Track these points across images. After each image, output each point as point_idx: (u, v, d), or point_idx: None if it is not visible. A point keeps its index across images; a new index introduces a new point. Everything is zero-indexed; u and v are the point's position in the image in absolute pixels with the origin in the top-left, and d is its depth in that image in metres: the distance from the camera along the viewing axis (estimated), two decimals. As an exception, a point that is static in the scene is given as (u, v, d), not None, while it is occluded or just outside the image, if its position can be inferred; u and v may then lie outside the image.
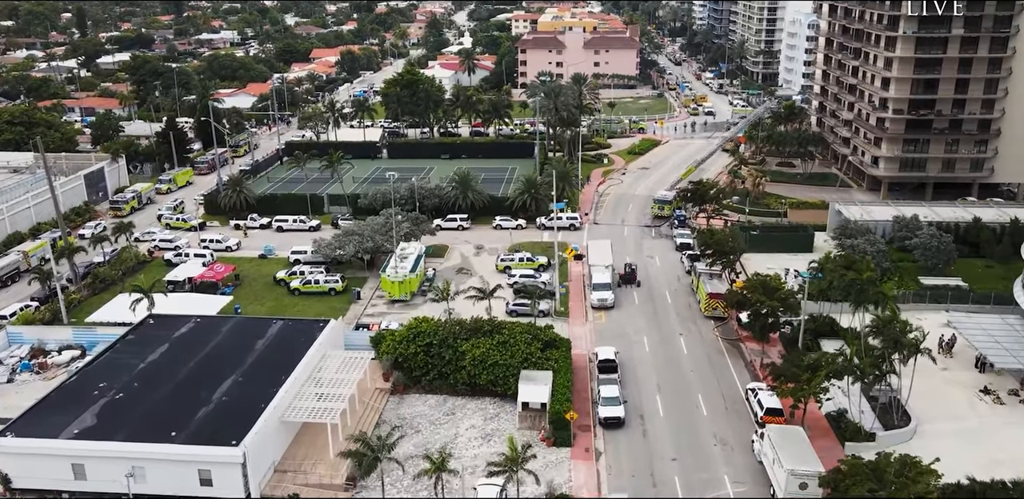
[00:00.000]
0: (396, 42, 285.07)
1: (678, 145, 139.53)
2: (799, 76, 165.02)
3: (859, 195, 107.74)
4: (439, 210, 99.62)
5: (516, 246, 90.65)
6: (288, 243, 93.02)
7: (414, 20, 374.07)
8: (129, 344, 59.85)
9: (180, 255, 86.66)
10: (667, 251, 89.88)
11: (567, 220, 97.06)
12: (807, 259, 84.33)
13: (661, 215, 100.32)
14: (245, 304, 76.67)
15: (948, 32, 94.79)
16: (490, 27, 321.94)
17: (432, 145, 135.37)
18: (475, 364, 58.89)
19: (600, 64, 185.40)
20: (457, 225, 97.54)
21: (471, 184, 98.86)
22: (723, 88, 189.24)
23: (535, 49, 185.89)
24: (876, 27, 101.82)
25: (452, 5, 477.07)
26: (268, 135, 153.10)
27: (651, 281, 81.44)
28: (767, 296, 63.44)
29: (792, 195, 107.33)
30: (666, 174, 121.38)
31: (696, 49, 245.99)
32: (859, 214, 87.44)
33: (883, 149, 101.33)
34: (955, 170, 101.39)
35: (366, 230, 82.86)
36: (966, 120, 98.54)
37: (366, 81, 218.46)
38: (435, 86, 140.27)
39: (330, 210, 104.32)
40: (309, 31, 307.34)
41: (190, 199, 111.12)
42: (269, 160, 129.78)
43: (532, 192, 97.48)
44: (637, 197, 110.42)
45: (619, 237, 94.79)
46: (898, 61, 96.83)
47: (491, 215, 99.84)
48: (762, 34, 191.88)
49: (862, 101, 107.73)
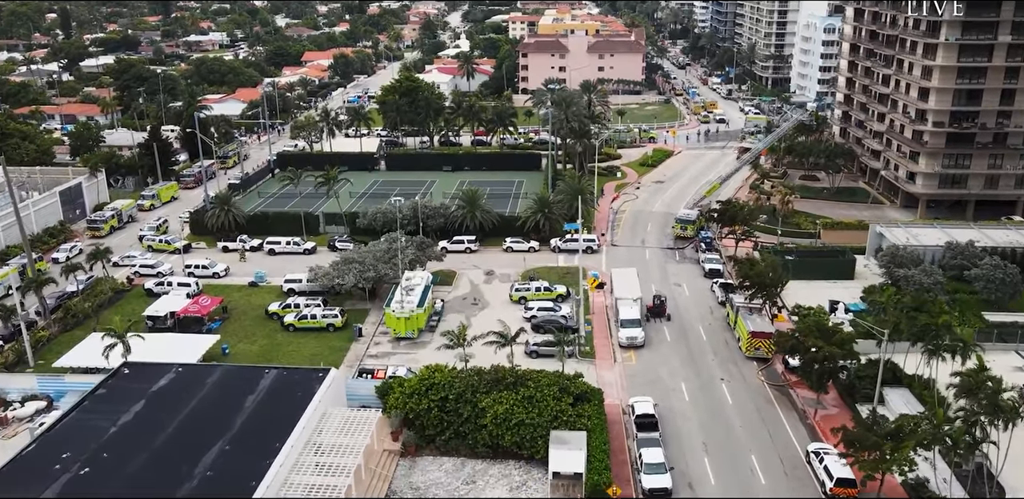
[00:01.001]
0: (390, 44, 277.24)
1: (692, 156, 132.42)
2: (814, 82, 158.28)
3: (892, 212, 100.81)
4: (444, 231, 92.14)
5: (530, 272, 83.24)
6: (281, 268, 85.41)
7: (407, 21, 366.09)
8: (100, 401, 52.05)
9: (162, 284, 78.82)
10: (695, 278, 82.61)
11: (584, 242, 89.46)
12: (849, 287, 78.28)
13: (684, 236, 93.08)
14: (234, 342, 68.94)
15: (994, 39, 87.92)
16: (486, 29, 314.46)
17: (433, 156, 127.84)
18: (498, 423, 51.44)
19: (604, 69, 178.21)
20: (464, 248, 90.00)
21: (479, 203, 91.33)
22: (732, 94, 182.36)
23: (537, 53, 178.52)
24: (912, 33, 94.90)
25: (445, 6, 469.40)
26: (259, 145, 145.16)
27: (681, 313, 74.12)
28: (824, 340, 56.20)
29: (820, 212, 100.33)
30: (683, 189, 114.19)
31: (700, 52, 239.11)
32: (904, 238, 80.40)
33: (921, 164, 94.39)
34: (998, 187, 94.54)
35: (367, 257, 75.22)
36: (1012, 133, 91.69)
37: (360, 86, 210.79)
38: (435, 93, 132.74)
39: (326, 230, 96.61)
40: (301, 33, 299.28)
41: (175, 217, 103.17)
42: (260, 173, 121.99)
43: (545, 212, 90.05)
44: (655, 215, 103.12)
45: (640, 261, 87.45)
46: (939, 70, 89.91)
47: (500, 236, 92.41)
48: (771, 38, 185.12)
49: (896, 112, 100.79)
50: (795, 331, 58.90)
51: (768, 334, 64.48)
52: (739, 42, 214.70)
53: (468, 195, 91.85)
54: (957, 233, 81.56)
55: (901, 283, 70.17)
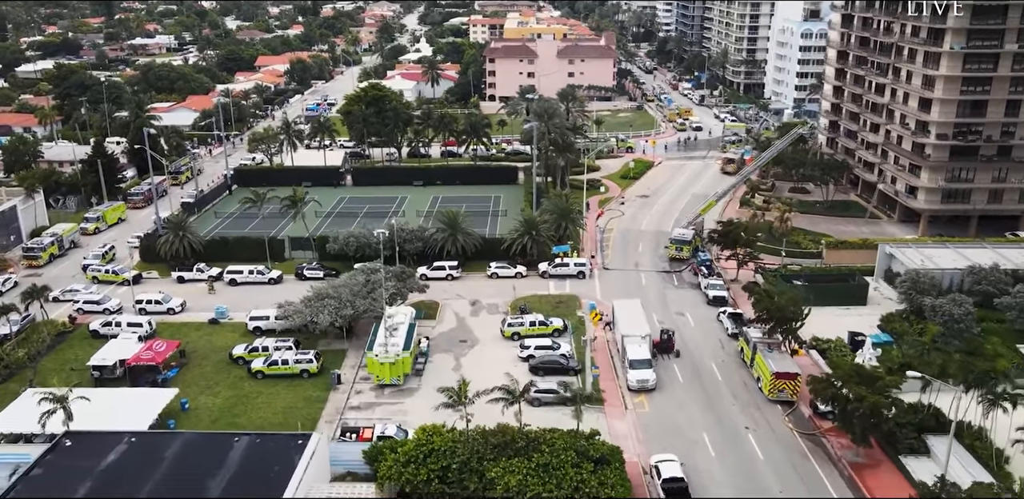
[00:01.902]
0: (348, 48, 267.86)
1: (673, 167, 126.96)
2: (791, 89, 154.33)
3: (891, 228, 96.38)
4: (423, 255, 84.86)
5: (520, 302, 76.43)
6: (244, 300, 77.32)
7: (363, 24, 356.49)
8: (34, 484, 43.73)
9: (110, 324, 70.08)
10: (697, 305, 76.63)
11: (575, 267, 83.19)
12: (863, 315, 73.09)
13: (679, 257, 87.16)
14: (194, 394, 60.77)
15: (1000, 47, 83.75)
16: (445, 32, 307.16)
17: (402, 170, 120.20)
18: (510, 497, 44.53)
19: (575, 74, 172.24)
20: (446, 274, 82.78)
21: (460, 226, 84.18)
22: (705, 100, 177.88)
23: (505, 58, 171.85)
24: (912, 41, 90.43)
25: (400, 7, 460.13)
26: (213, 158, 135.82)
27: (689, 348, 67.98)
28: (866, 386, 50.46)
29: (816, 228, 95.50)
30: (670, 203, 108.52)
31: (666, 57, 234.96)
32: (919, 259, 75.54)
33: (923, 178, 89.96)
34: (1002, 201, 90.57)
35: (343, 292, 67.51)
36: (1016, 146, 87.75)
37: (319, 92, 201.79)
38: (404, 103, 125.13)
39: (292, 256, 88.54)
40: (253, 36, 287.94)
41: (123, 242, 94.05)
42: (216, 190, 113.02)
43: (532, 234, 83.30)
44: (645, 233, 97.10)
45: (636, 287, 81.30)
46: (943, 80, 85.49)
47: (483, 260, 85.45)
48: (743, 42, 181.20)
49: (893, 123, 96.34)
50: (831, 376, 53.08)
51: (793, 375, 58.78)
52: (708, 46, 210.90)
53: (448, 217, 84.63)
54: (972, 254, 77.06)
55: (927, 313, 64.97)
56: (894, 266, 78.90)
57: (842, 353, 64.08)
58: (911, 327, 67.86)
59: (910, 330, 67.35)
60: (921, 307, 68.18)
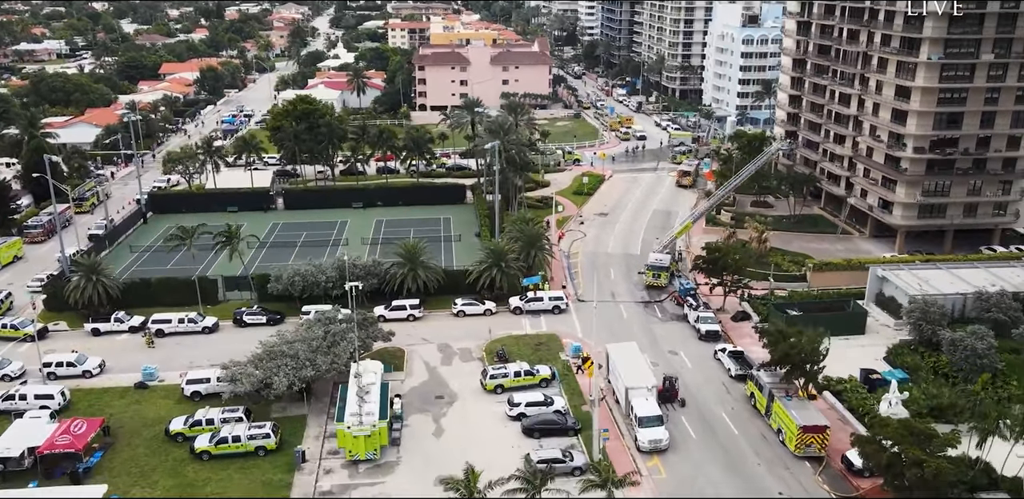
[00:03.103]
0: (260, 54, 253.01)
1: (626, 180, 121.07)
2: (734, 96, 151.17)
3: (865, 244, 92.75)
4: (378, 293, 75.75)
5: (496, 345, 68.39)
6: (176, 356, 66.81)
7: (272, 27, 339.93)
8: None
9: (12, 397, 58.45)
10: (689, 342, 70.26)
11: (550, 301, 75.65)
12: (864, 345, 68.30)
13: (656, 285, 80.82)
14: (126, 487, 50.31)
15: (976, 58, 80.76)
16: (361, 36, 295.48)
17: (339, 191, 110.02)
18: None
19: (509, 82, 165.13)
20: (407, 315, 73.90)
21: (421, 260, 75.43)
22: (642, 107, 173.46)
23: (435, 66, 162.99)
24: (884, 50, 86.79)
25: (309, 10, 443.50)
26: (122, 180, 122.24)
27: (692, 394, 61.36)
28: (921, 447, 44.72)
29: (789, 247, 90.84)
30: (632, 221, 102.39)
31: (594, 61, 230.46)
32: (915, 283, 71.30)
33: (899, 193, 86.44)
34: (977, 215, 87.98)
35: (301, 349, 57.90)
36: (991, 158, 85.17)
37: (232, 102, 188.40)
38: (337, 117, 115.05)
39: (227, 298, 77.85)
40: (154, 41, 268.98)
41: (21, 286, 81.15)
42: (129, 219, 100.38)
43: (501, 266, 75.30)
44: (614, 257, 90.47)
45: (618, 321, 74.43)
46: (920, 91, 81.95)
47: (446, 295, 77.01)
48: (677, 47, 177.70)
49: (862, 134, 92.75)
50: (876, 433, 47.17)
51: (822, 428, 52.83)
52: (638, 51, 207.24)
53: (407, 249, 75.72)
54: (966, 275, 73.44)
55: (946, 347, 60.29)
56: (886, 290, 74.63)
57: (861, 395, 58.65)
58: (923, 360, 63.27)
59: (923, 364, 62.76)
60: (932, 338, 63.70)
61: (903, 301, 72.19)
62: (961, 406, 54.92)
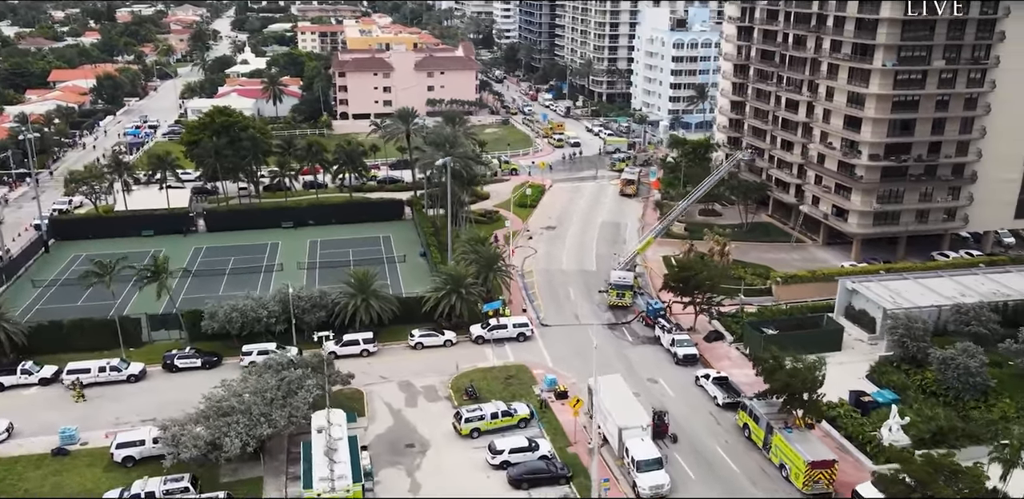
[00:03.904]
0: (160, 59, 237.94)
1: (568, 190, 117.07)
2: (665, 100, 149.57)
3: (820, 253, 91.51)
4: (325, 326, 68.92)
5: (463, 380, 62.88)
6: (99, 412, 58.73)
7: (169, 30, 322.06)
8: None
9: (-97, 476, 49.30)
10: (666, 367, 66.44)
11: (514, 328, 70.54)
12: (843, 363, 65.85)
13: (620, 305, 76.88)
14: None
15: (928, 64, 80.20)
16: (268, 40, 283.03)
17: (267, 210, 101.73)
18: None
19: (435, 88, 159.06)
20: (361, 350, 67.42)
21: (373, 289, 69.07)
22: (571, 112, 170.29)
23: (357, 72, 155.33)
24: (835, 56, 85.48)
25: (207, 12, 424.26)
26: (16, 202, 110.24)
27: (682, 428, 57.36)
28: (950, 485, 41.89)
29: (745, 258, 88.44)
30: (581, 234, 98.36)
31: (515, 65, 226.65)
32: (887, 295, 69.69)
33: (855, 201, 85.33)
34: (928, 221, 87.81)
35: (254, 403, 50.86)
36: (942, 165, 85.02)
37: (134, 111, 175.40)
38: (262, 129, 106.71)
39: (153, 339, 69.47)
40: (39, 45, 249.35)
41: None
42: (28, 249, 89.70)
43: (461, 292, 69.73)
44: (569, 275, 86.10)
45: (587, 347, 68.95)
46: (874, 99, 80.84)
47: (399, 325, 70.94)
48: (603, 51, 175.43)
49: (813, 141, 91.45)
50: (900, 471, 44.11)
51: (830, 463, 49.71)
52: (561, 55, 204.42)
53: (357, 278, 69.19)
54: (935, 285, 72.40)
55: (937, 366, 58.29)
56: (856, 302, 72.84)
57: (857, 421, 55.94)
58: (909, 379, 61.33)
59: (909, 383, 60.79)
60: (916, 355, 61.83)
61: (875, 314, 70.61)
62: (962, 430, 53.11)
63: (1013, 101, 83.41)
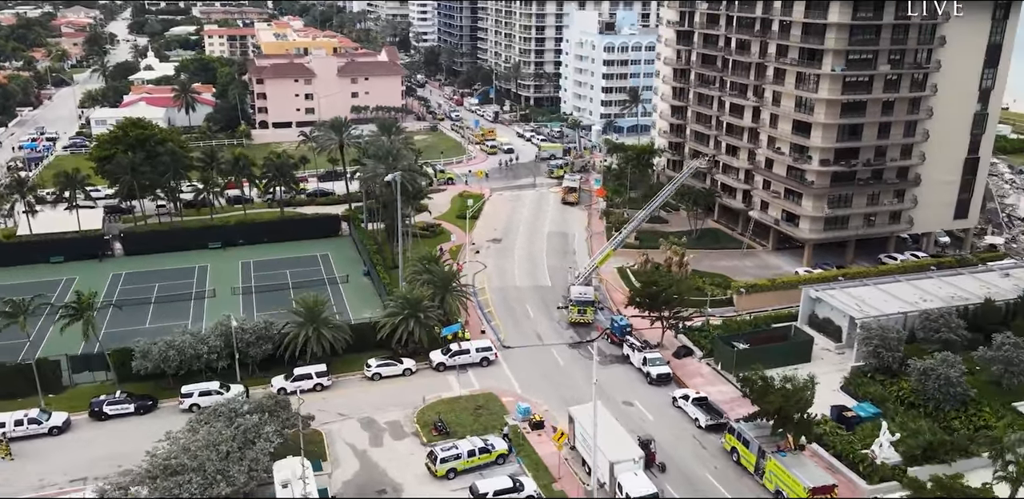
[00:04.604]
0: (54, 65, 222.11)
1: (508, 200, 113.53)
2: (597, 104, 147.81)
3: (772, 259, 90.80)
4: (272, 360, 63.38)
5: (430, 413, 58.49)
6: (17, 472, 51.84)
7: (61, 34, 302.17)
8: None
9: None
10: (638, 387, 63.68)
11: (477, 353, 66.46)
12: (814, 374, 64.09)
13: (582, 322, 73.83)
14: None
15: (874, 69, 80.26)
16: (171, 44, 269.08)
17: (191, 230, 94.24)
18: None
19: (359, 94, 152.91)
20: (314, 384, 62.02)
21: (324, 317, 63.75)
22: (499, 117, 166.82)
23: (277, 79, 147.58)
24: (781, 61, 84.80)
25: (100, 14, 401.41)
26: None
27: (667, 454, 54.52)
28: (965, 512, 40.35)
29: (699, 266, 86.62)
30: (529, 246, 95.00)
31: (436, 69, 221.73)
32: (852, 303, 68.89)
33: (806, 206, 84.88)
34: (875, 225, 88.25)
35: (208, 459, 45.06)
36: (887, 168, 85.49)
37: (27, 122, 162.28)
38: (180, 142, 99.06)
39: (75, 382, 62.23)
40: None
41: None
42: (-81, 282, 79.99)
43: (419, 317, 65.20)
44: (523, 291, 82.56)
45: (554, 369, 66.73)
46: (824, 104, 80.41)
47: (352, 353, 65.89)
48: (530, 54, 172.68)
49: (760, 147, 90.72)
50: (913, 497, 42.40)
51: (830, 488, 47.84)
52: (484, 58, 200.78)
53: (306, 305, 63.72)
54: (893, 289, 72.19)
55: (917, 377, 57.33)
56: (820, 311, 71.99)
57: (844, 439, 54.33)
58: (885, 390, 60.39)
59: (887, 394, 59.82)
60: (892, 365, 60.97)
61: (841, 323, 69.85)
62: (951, 443, 52.13)
63: (953, 104, 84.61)
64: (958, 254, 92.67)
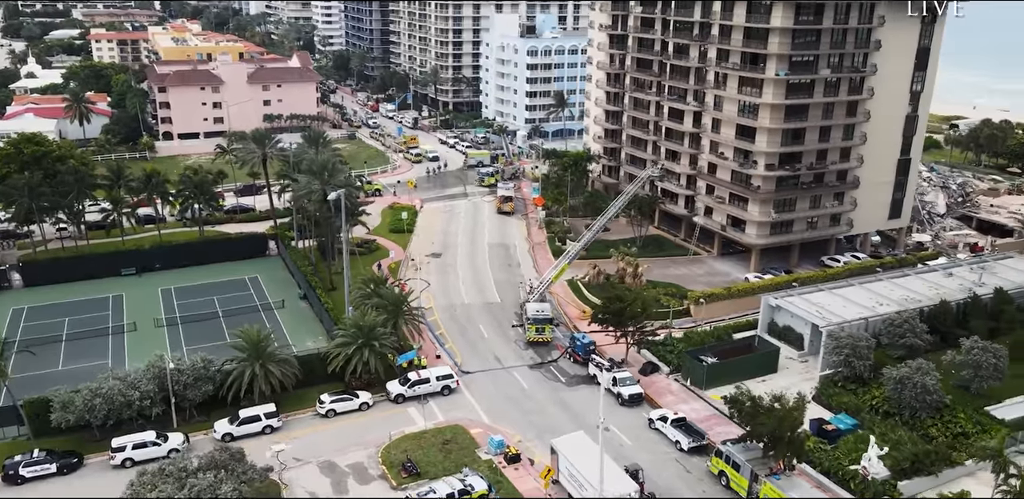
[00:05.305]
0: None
1: (441, 211, 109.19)
2: (522, 109, 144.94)
3: (719, 265, 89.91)
4: (213, 401, 57.37)
5: (396, 453, 53.90)
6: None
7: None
8: None
9: None
10: (613, 410, 60.39)
11: (438, 381, 62.09)
12: (786, 388, 62.84)
13: (541, 340, 70.53)
14: None
15: (815, 73, 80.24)
16: (53, 49, 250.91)
17: (100, 256, 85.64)
18: None
19: (272, 102, 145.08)
20: (263, 427, 56.35)
21: (271, 352, 58.09)
22: (418, 124, 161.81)
23: (181, 87, 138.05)
24: (724, 66, 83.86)
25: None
26: None
27: (653, 482, 51.54)
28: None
29: (649, 276, 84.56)
30: (471, 260, 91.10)
31: (346, 74, 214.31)
32: (813, 311, 68.09)
33: (753, 211, 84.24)
34: (817, 228, 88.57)
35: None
36: (828, 172, 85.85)
37: None
38: (82, 159, 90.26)
39: (-17, 440, 54.52)
40: None
41: None
42: None
43: (374, 345, 60.41)
44: (474, 308, 78.62)
45: (518, 392, 63.20)
46: (769, 108, 79.84)
47: (301, 388, 60.53)
48: (447, 59, 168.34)
49: (701, 152, 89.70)
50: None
51: (835, 515, 46.07)
52: (397, 62, 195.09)
53: (250, 339, 57.92)
54: (848, 294, 71.85)
55: (894, 386, 56.48)
56: (779, 318, 71.04)
57: (831, 455, 52.78)
58: (859, 399, 59.58)
59: (861, 403, 58.99)
60: (864, 374, 60.22)
61: (802, 330, 69.07)
62: (936, 454, 51.44)
63: (887, 107, 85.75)
64: (892, 253, 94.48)
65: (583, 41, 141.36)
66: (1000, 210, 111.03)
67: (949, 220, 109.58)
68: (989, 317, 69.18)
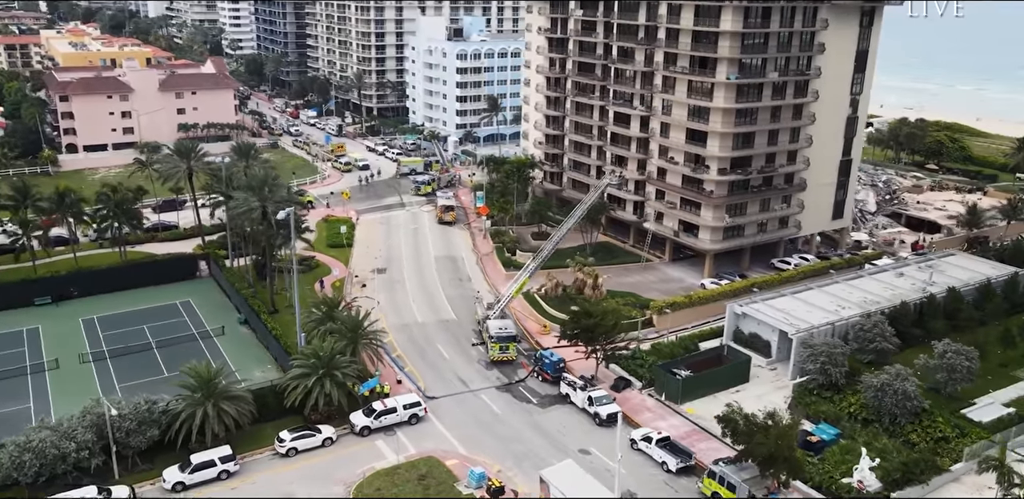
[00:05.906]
0: None
1: (378, 223, 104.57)
2: (452, 114, 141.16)
3: (673, 271, 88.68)
4: (159, 446, 51.88)
5: (368, 491, 49.77)
6: None
7: None
8: None
9: None
10: (591, 432, 58.04)
11: (405, 410, 58.15)
12: (760, 396, 62.37)
13: (505, 359, 67.40)
14: None
15: (763, 76, 79.88)
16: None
17: (9, 285, 77.41)
18: None
19: (187, 111, 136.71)
20: (219, 472, 51.20)
21: (223, 388, 52.91)
22: (343, 131, 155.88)
23: (87, 96, 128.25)
24: (672, 70, 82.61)
25: None
26: None
27: (646, 508, 49.61)
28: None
29: (606, 286, 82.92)
30: (419, 275, 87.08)
31: (259, 80, 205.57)
32: (780, 317, 67.29)
33: (706, 216, 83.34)
34: (767, 231, 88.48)
35: None
36: (776, 175, 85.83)
37: None
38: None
39: None
40: None
41: None
42: None
43: (336, 375, 55.99)
44: (429, 327, 74.75)
45: (492, 419, 59.88)
46: (720, 112, 78.98)
47: (258, 424, 55.58)
48: (370, 63, 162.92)
49: (650, 156, 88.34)
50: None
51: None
52: (315, 67, 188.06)
53: (198, 377, 52.58)
54: (809, 298, 71.48)
55: (874, 393, 55.81)
56: (745, 326, 69.99)
57: (821, 469, 51.59)
58: (836, 407, 58.85)
59: (839, 411, 58.28)
60: (839, 381, 59.51)
61: (769, 337, 68.20)
62: (925, 462, 50.94)
63: (830, 109, 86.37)
64: (836, 253, 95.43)
65: (513, 44, 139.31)
66: (927, 207, 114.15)
67: (880, 218, 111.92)
68: (945, 316, 70.04)
